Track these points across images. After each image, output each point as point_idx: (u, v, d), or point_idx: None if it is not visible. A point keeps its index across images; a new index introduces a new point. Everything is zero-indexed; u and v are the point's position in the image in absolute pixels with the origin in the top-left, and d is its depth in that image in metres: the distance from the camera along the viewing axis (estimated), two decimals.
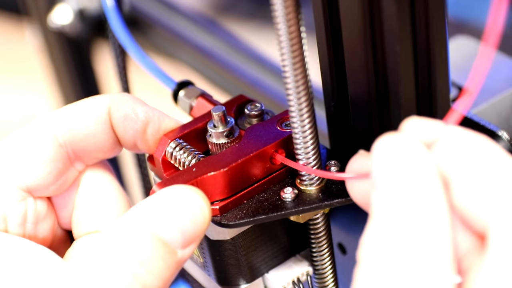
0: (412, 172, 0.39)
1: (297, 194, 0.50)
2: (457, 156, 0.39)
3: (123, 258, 0.44)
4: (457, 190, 0.39)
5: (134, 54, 0.63)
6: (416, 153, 0.39)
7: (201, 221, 0.46)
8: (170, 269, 0.45)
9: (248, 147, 0.50)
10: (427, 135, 0.40)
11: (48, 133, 0.51)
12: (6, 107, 2.00)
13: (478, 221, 0.39)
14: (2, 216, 0.49)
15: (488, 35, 0.38)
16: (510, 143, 0.52)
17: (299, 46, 0.45)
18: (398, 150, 0.39)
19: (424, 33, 0.45)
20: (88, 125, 0.51)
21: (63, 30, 1.00)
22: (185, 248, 0.46)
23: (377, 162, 0.40)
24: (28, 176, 0.50)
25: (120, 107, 0.51)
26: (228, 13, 2.01)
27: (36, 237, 0.51)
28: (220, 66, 0.88)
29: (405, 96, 0.46)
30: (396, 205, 0.38)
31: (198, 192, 0.47)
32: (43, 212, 0.51)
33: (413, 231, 0.38)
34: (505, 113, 0.58)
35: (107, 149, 0.52)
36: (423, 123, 0.40)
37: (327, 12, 0.47)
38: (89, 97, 0.52)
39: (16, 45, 2.13)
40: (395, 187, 0.39)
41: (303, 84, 0.46)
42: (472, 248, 0.40)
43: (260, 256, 0.53)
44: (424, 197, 0.38)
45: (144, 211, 0.46)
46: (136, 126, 0.51)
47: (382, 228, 0.38)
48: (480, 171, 0.38)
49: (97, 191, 0.53)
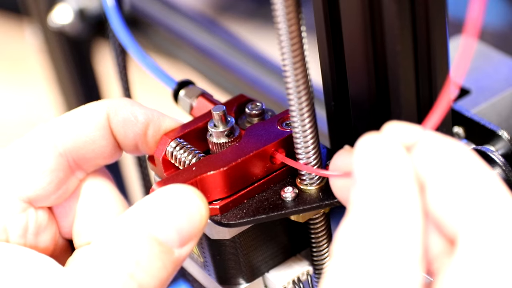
0: (389, 172, 0.39)
1: (298, 193, 0.50)
2: (433, 161, 0.40)
3: (119, 258, 0.44)
4: (432, 195, 0.40)
5: (134, 53, 0.63)
6: (395, 155, 0.40)
7: (198, 219, 0.46)
8: (167, 269, 0.45)
9: (248, 146, 0.50)
10: (407, 138, 0.41)
11: (48, 142, 0.51)
12: (6, 107, 2.00)
13: (449, 226, 0.39)
14: (3, 228, 0.49)
15: (469, 26, 0.38)
16: (510, 143, 0.52)
17: (299, 45, 0.45)
18: (378, 150, 0.40)
19: (424, 33, 0.45)
20: (88, 132, 0.51)
21: (63, 30, 1.00)
22: (183, 247, 0.46)
23: (357, 160, 0.40)
24: (29, 187, 0.50)
25: (118, 112, 0.51)
26: (228, 13, 2.01)
27: (38, 248, 0.51)
28: (220, 66, 0.88)
29: (405, 96, 0.46)
30: (371, 202, 0.39)
31: (194, 191, 0.47)
32: (44, 222, 0.51)
33: (385, 229, 0.38)
34: (505, 113, 0.58)
35: (107, 155, 0.52)
36: (404, 126, 0.41)
37: (327, 12, 0.47)
38: (87, 104, 0.52)
39: (16, 45, 2.13)
40: (372, 186, 0.39)
41: (303, 83, 0.46)
42: (444, 251, 0.41)
43: (260, 256, 0.53)
44: (399, 197, 0.39)
45: (139, 211, 0.46)
46: (137, 129, 0.51)
47: (356, 224, 0.39)
48: (453, 178, 0.39)
49: (97, 200, 0.53)
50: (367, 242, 0.38)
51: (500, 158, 0.50)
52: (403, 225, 0.39)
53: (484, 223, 0.38)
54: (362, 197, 0.40)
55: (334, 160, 0.47)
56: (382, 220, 0.39)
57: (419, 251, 0.39)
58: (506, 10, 1.51)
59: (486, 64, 0.62)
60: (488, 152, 0.50)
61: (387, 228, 0.38)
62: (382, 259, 0.38)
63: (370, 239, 0.38)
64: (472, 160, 0.40)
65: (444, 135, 0.41)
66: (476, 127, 0.54)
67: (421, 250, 0.39)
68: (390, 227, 0.38)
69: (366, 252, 0.38)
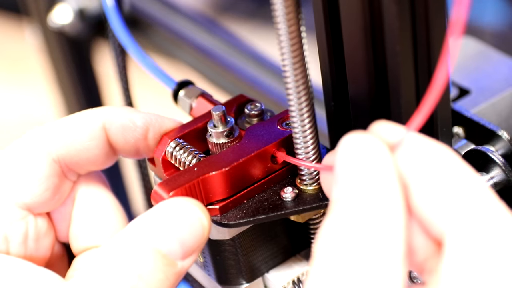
0: (370, 170, 0.39)
1: (297, 193, 0.50)
2: (416, 162, 0.40)
3: (122, 271, 0.44)
4: (416, 196, 0.40)
5: (134, 54, 0.63)
6: (377, 154, 0.40)
7: (200, 231, 0.47)
8: (169, 281, 0.45)
9: (249, 146, 0.50)
10: (392, 138, 0.40)
11: (42, 149, 0.50)
12: (6, 107, 2.00)
13: (435, 228, 0.39)
14: (4, 236, 0.49)
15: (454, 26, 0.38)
16: (510, 143, 0.52)
17: (299, 46, 0.45)
18: (360, 148, 0.40)
19: (424, 33, 0.45)
20: (82, 141, 0.51)
21: (63, 30, 1.00)
22: (185, 259, 0.46)
23: (339, 158, 0.40)
24: (26, 194, 0.50)
25: (115, 119, 0.51)
26: (228, 13, 2.01)
27: (37, 253, 0.51)
28: (220, 66, 0.88)
29: (405, 96, 0.46)
30: (353, 201, 0.39)
31: (195, 204, 0.47)
32: (43, 228, 0.51)
33: (365, 228, 0.38)
34: (505, 113, 0.58)
35: (100, 163, 0.52)
36: (389, 126, 0.41)
37: (327, 12, 0.47)
38: (82, 111, 0.52)
39: (16, 45, 2.13)
40: (352, 184, 0.39)
41: (303, 83, 0.46)
42: (434, 252, 0.41)
43: (260, 256, 0.53)
44: (380, 195, 0.39)
45: (142, 225, 0.46)
46: (136, 134, 0.51)
47: (336, 223, 0.39)
48: (437, 178, 0.39)
49: (93, 204, 0.53)
50: (347, 241, 0.38)
51: (500, 158, 0.50)
52: (384, 223, 0.38)
53: (469, 224, 0.38)
54: (342, 196, 0.39)
55: (326, 157, 0.47)
56: (362, 219, 0.38)
57: (402, 250, 0.38)
58: (506, 10, 1.51)
59: (486, 64, 0.62)
60: (488, 152, 0.50)
61: (368, 226, 0.38)
62: (363, 258, 0.38)
63: (351, 238, 0.38)
64: (455, 161, 0.40)
65: (427, 137, 0.41)
66: (476, 127, 0.54)
67: (403, 249, 0.38)
68: (370, 225, 0.38)
69: (347, 251, 0.38)
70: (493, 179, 0.50)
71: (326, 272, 0.38)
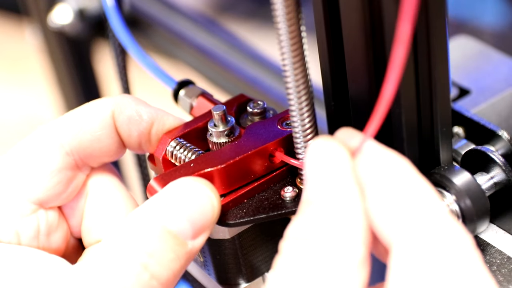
0: (331, 176, 0.41)
1: (298, 193, 0.50)
2: (370, 171, 0.41)
3: (132, 250, 0.45)
4: (369, 204, 0.41)
5: (134, 53, 0.63)
6: (338, 160, 0.41)
7: (210, 210, 0.47)
8: (180, 261, 0.46)
9: (247, 144, 0.50)
10: (354, 144, 0.42)
11: (54, 142, 0.50)
12: (6, 107, 2.00)
13: (384, 237, 0.41)
14: (15, 231, 0.49)
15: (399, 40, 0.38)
16: (510, 143, 0.52)
17: (299, 45, 0.45)
18: (324, 154, 0.42)
19: (424, 33, 0.45)
20: (94, 130, 0.51)
21: (63, 30, 1.00)
22: (195, 239, 0.46)
23: (306, 162, 0.42)
24: (38, 188, 0.50)
25: (123, 110, 0.51)
26: (228, 13, 2.01)
27: (50, 248, 0.51)
28: (220, 66, 0.89)
29: (405, 96, 0.46)
30: (316, 201, 0.41)
31: (205, 183, 0.47)
32: (55, 222, 0.51)
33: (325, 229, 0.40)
34: (505, 113, 0.58)
35: (113, 153, 0.52)
36: (352, 132, 0.43)
37: (327, 12, 0.47)
38: (91, 102, 0.52)
39: (16, 45, 2.13)
40: (317, 186, 0.41)
41: (303, 83, 0.46)
42: None
43: (260, 255, 0.53)
44: (339, 198, 0.41)
45: (152, 206, 0.46)
46: (141, 127, 0.51)
47: (300, 223, 0.41)
48: (387, 189, 0.41)
49: (105, 198, 0.53)
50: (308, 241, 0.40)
51: (500, 158, 0.50)
52: (344, 225, 0.40)
53: (415, 237, 0.39)
54: (308, 197, 0.41)
55: None
56: (322, 220, 0.40)
57: (361, 250, 0.40)
58: (506, 10, 1.51)
59: (486, 64, 0.62)
60: (488, 152, 0.50)
61: (327, 228, 0.40)
62: (324, 257, 0.39)
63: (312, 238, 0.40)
64: (407, 172, 0.41)
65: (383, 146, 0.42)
66: (476, 127, 0.54)
67: (363, 249, 0.40)
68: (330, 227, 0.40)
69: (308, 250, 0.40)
70: (493, 179, 0.50)
71: (288, 269, 0.40)
